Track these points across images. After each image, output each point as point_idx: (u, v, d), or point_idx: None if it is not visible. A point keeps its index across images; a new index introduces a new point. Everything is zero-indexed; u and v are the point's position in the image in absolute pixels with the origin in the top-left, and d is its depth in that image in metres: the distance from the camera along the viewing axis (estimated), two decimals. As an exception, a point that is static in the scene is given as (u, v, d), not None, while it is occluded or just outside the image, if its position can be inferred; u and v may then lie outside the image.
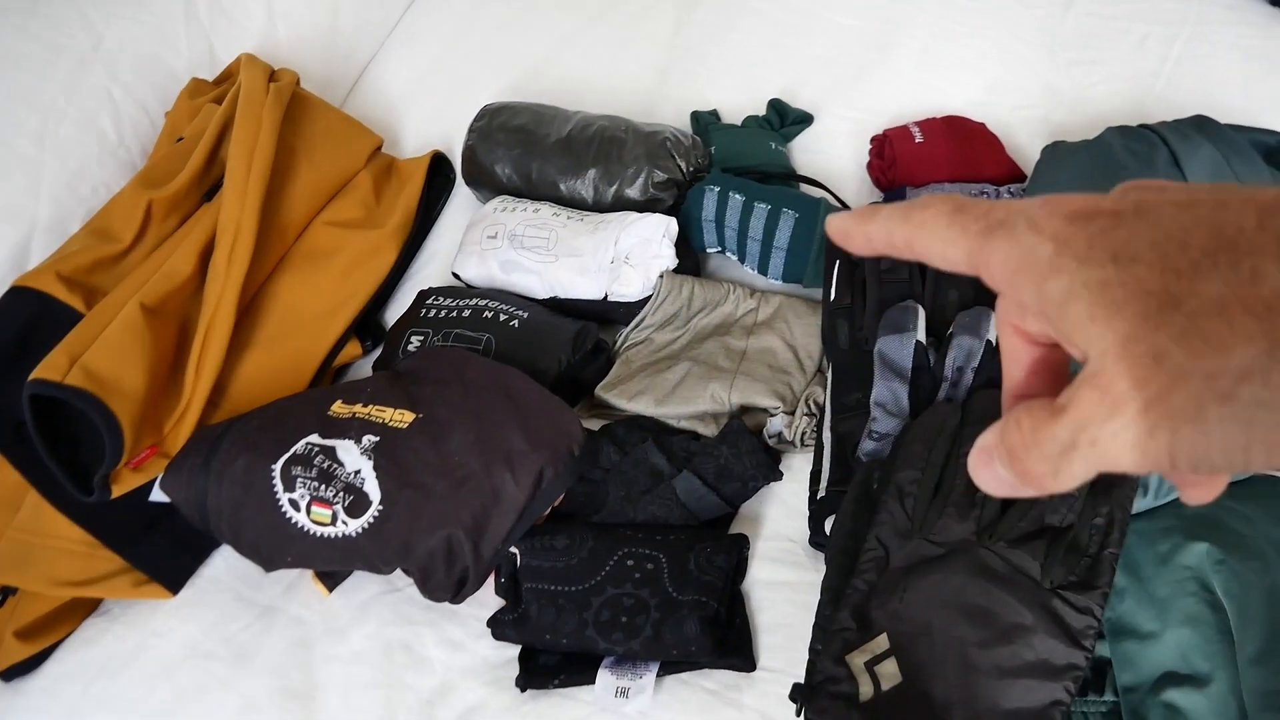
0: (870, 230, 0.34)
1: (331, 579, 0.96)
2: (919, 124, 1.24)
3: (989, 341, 0.96)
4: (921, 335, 0.98)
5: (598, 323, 1.11)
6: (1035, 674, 0.78)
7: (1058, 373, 0.35)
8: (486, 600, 0.93)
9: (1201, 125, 1.12)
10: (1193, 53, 1.37)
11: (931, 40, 1.42)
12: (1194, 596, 0.80)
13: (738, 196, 1.12)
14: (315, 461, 0.91)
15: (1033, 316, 0.33)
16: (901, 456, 0.87)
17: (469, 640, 0.93)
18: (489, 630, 0.91)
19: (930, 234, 0.32)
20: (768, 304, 1.11)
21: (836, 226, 0.35)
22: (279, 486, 0.90)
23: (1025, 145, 1.26)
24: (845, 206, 1.18)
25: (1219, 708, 0.74)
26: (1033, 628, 0.79)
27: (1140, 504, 0.88)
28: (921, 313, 0.99)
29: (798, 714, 0.78)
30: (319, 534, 0.89)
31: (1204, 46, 1.38)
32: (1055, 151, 1.14)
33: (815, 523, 0.96)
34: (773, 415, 1.02)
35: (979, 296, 1.04)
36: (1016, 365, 0.35)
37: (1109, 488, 0.85)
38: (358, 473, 0.90)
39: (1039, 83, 1.36)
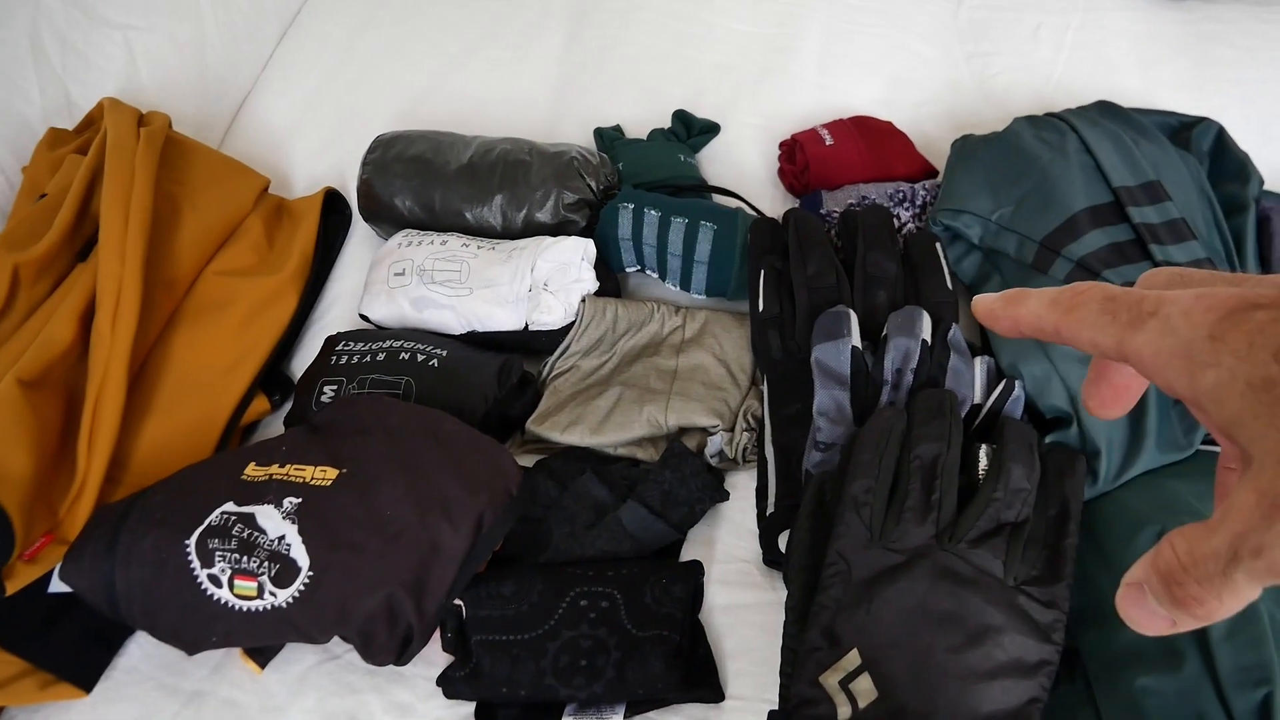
0: (1019, 314, 0.34)
1: (263, 654, 0.89)
2: (828, 126, 1.23)
3: (924, 340, 0.94)
4: (857, 340, 0.95)
5: (521, 354, 1.06)
6: (1010, 674, 0.76)
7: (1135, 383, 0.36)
8: (433, 658, 0.87)
9: (1107, 110, 1.13)
10: (1086, 39, 1.40)
11: (828, 42, 1.42)
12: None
13: (653, 212, 1.08)
14: (234, 531, 0.83)
15: (1184, 407, 0.33)
16: (853, 466, 0.84)
17: (418, 702, 0.87)
18: (440, 689, 0.85)
19: (1081, 322, 0.32)
20: (694, 320, 1.08)
21: (984, 309, 0.35)
22: (195, 563, 0.82)
23: (934, 140, 1.26)
24: (760, 214, 1.16)
25: (1191, 688, 0.73)
26: (1002, 627, 0.77)
27: (1090, 491, 0.87)
28: (854, 317, 0.97)
29: (778, 744, 0.74)
30: (245, 609, 0.82)
31: (1096, 33, 1.41)
32: (966, 145, 1.14)
33: (767, 541, 0.93)
34: (712, 434, 0.99)
35: (909, 297, 1.02)
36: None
37: (1059, 478, 0.84)
38: (282, 538, 0.83)
39: (939, 77, 1.37)
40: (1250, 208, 1.06)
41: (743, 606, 0.90)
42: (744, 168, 1.27)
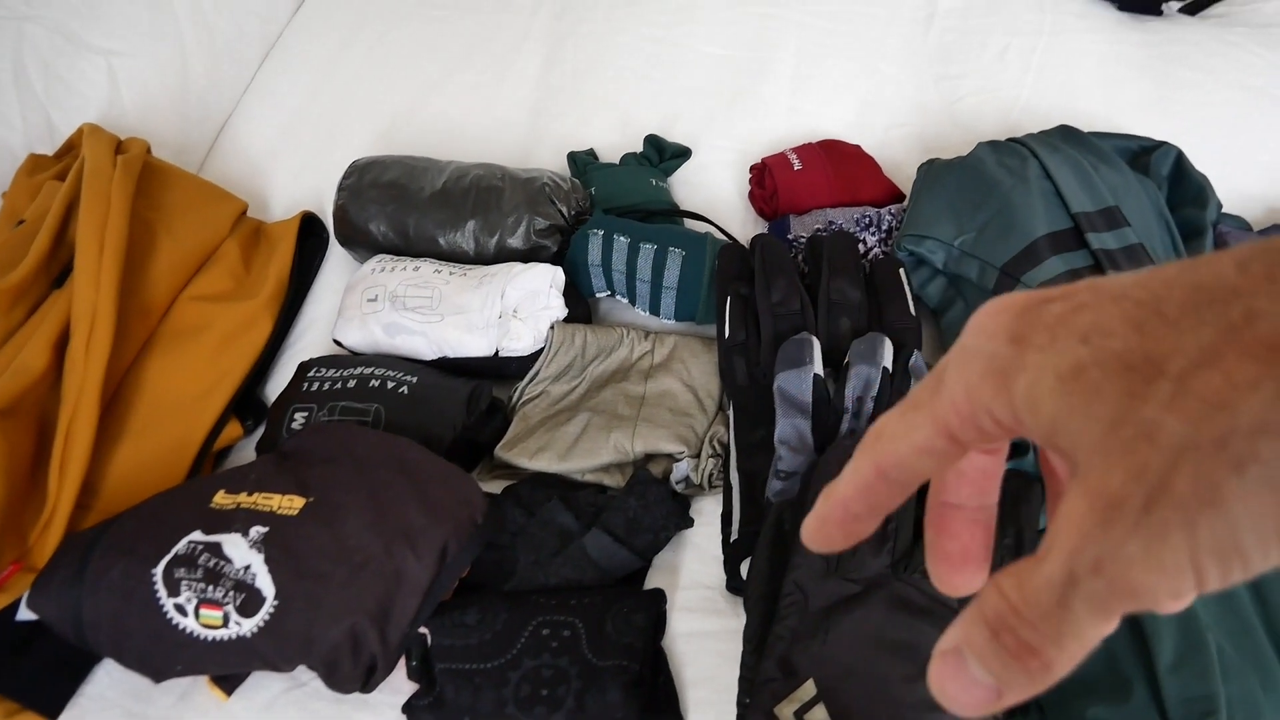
0: (839, 494, 0.29)
1: (229, 682, 0.90)
2: (796, 150, 1.24)
3: (885, 368, 0.96)
4: (819, 367, 0.97)
5: (491, 380, 1.07)
6: (964, 705, 0.77)
7: (993, 481, 0.31)
8: (399, 685, 0.88)
9: (1068, 135, 1.15)
10: (1052, 61, 1.41)
11: (800, 65, 1.43)
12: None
13: (622, 238, 1.09)
14: (200, 561, 0.84)
15: (1012, 435, 0.27)
16: (811, 496, 0.86)
17: (383, 730, 0.88)
18: (404, 717, 0.86)
19: (889, 439, 0.28)
20: (663, 345, 1.09)
21: (811, 528, 0.30)
22: (161, 592, 0.83)
23: (902, 162, 1.27)
24: (731, 239, 1.17)
25: (1142, 718, 0.74)
26: (958, 659, 0.78)
27: (1045, 519, 0.88)
28: (817, 344, 0.98)
29: (734, 775, 0.76)
30: (210, 638, 0.83)
31: (1061, 54, 1.42)
32: (931, 170, 1.15)
33: (730, 567, 0.94)
34: (678, 460, 1.00)
35: (872, 323, 1.03)
36: (949, 470, 0.30)
37: (1015, 506, 0.85)
38: (248, 568, 0.84)
39: (908, 100, 1.38)
40: (1208, 231, 1.07)
41: (705, 634, 0.91)
42: (716, 191, 1.28)
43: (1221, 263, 0.22)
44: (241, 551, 0.85)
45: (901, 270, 1.06)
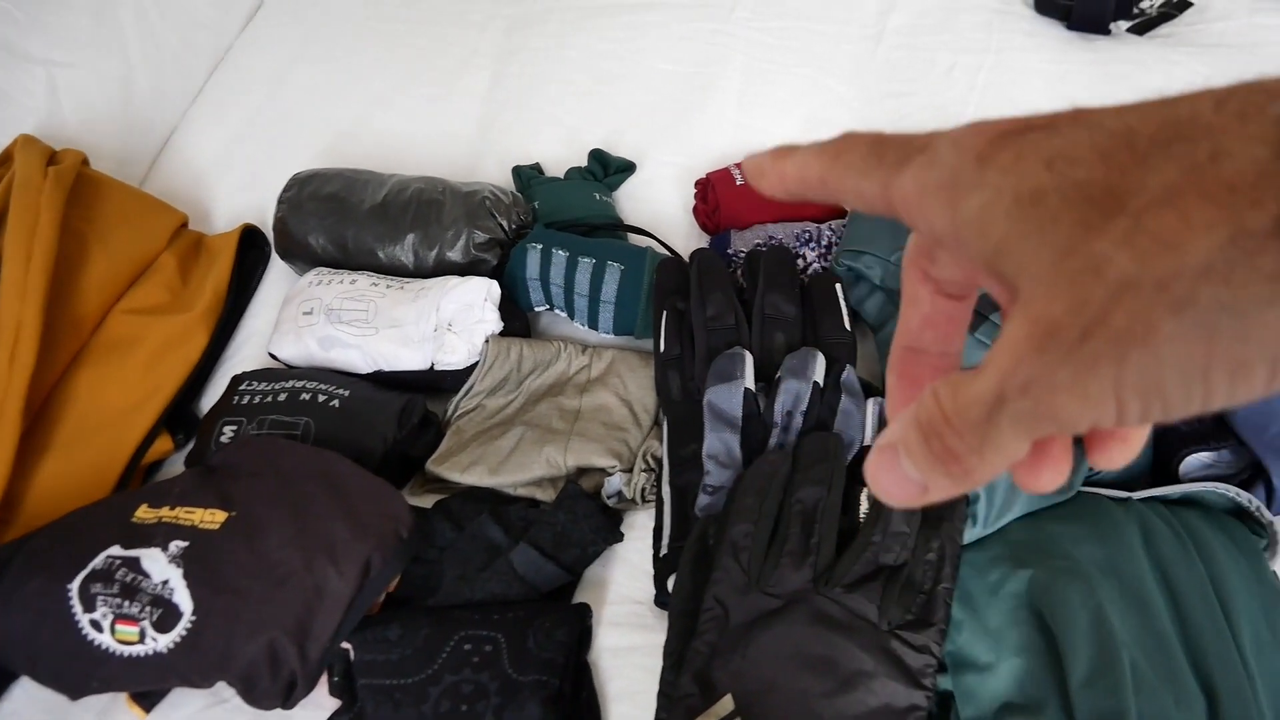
0: (785, 167, 0.30)
1: (148, 699, 0.89)
2: (740, 165, 1.24)
3: (816, 383, 0.96)
4: (750, 382, 0.96)
5: (427, 394, 1.07)
6: (880, 719, 0.76)
7: (958, 328, 0.31)
8: (322, 701, 0.87)
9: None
10: (998, 79, 1.42)
11: (748, 81, 1.43)
12: (1024, 624, 0.81)
13: (561, 252, 1.09)
14: (117, 576, 0.84)
15: (948, 253, 0.29)
16: (734, 510, 0.86)
17: (305, 747, 0.87)
18: (326, 734, 0.86)
19: (846, 166, 0.28)
20: (600, 359, 1.09)
21: (751, 165, 0.32)
22: (77, 608, 0.82)
23: (846, 179, 1.27)
24: (673, 253, 1.17)
25: None
26: (873, 672, 0.78)
27: (970, 534, 0.88)
28: (749, 359, 0.98)
29: (647, 790, 0.75)
30: (126, 654, 0.82)
31: (1008, 73, 1.43)
32: (872, 184, 1.15)
33: (659, 582, 0.93)
34: (610, 474, 0.99)
35: (805, 338, 1.03)
36: (914, 312, 0.31)
37: (938, 521, 0.85)
38: (166, 583, 0.83)
39: (855, 117, 1.39)
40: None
41: (632, 649, 0.91)
42: (661, 206, 1.28)
43: (1201, 100, 0.21)
44: (160, 566, 0.84)
45: (838, 285, 1.06)
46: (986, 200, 0.23)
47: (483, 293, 1.05)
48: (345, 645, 0.86)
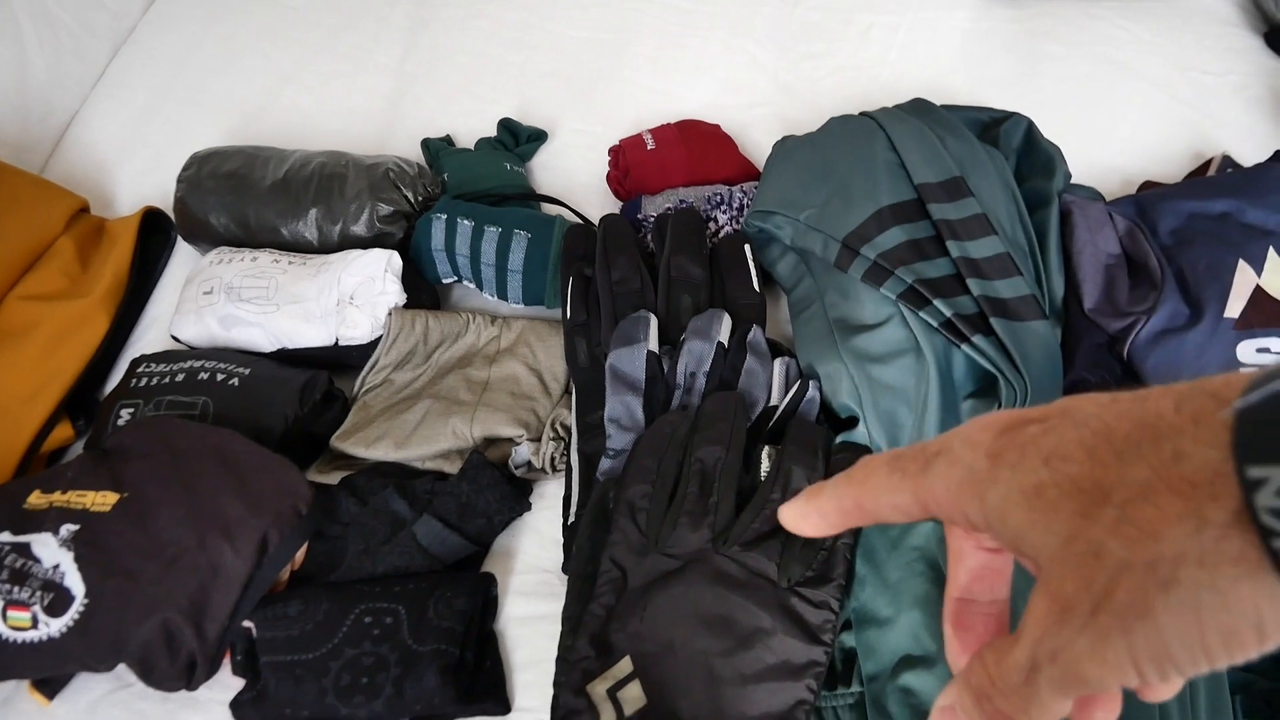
0: (821, 505, 0.35)
1: (50, 686, 0.88)
2: (652, 131, 1.24)
3: (720, 343, 0.95)
4: (654, 345, 0.96)
5: (334, 371, 1.05)
6: (777, 676, 0.77)
7: (1003, 578, 0.35)
8: (229, 682, 0.86)
9: (917, 108, 1.15)
10: (916, 39, 1.42)
11: (661, 46, 1.43)
12: (922, 576, 0.81)
13: (466, 222, 1.08)
14: (7, 562, 0.82)
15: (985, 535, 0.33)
16: (630, 471, 0.85)
17: (211, 728, 0.86)
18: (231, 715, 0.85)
19: (875, 488, 0.33)
20: (510, 330, 1.08)
21: (790, 515, 0.37)
22: (-34, 596, 0.81)
23: (762, 142, 1.27)
24: (584, 220, 1.16)
25: (947, 679, 0.74)
26: (771, 630, 0.78)
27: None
28: (653, 322, 0.98)
29: (544, 755, 0.75)
30: (19, 640, 0.81)
31: (926, 33, 1.43)
32: (784, 147, 1.15)
33: (568, 549, 0.93)
34: (518, 444, 0.99)
35: (713, 300, 1.03)
36: (961, 567, 0.35)
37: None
38: (56, 567, 0.82)
39: (771, 80, 1.38)
40: (1054, 202, 1.08)
41: (539, 617, 0.91)
42: (574, 175, 1.27)
43: (1164, 401, 0.26)
44: (51, 551, 0.83)
45: (746, 246, 1.06)
46: (1001, 495, 0.28)
47: (383, 264, 1.04)
48: (247, 624, 0.85)
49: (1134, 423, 0.26)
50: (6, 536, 0.84)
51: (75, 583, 0.81)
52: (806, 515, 0.36)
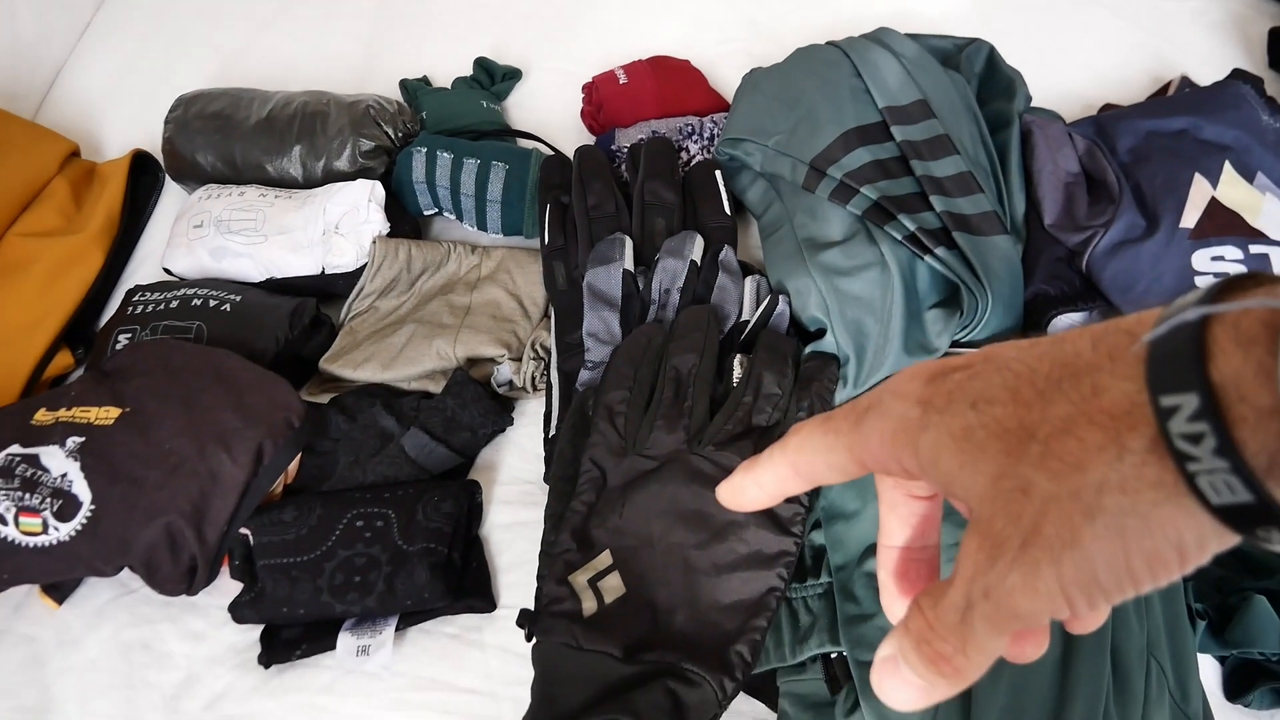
0: (758, 476, 0.36)
1: (59, 590, 0.93)
2: (624, 67, 1.27)
3: (693, 261, 0.99)
4: (629, 264, 1.00)
5: (322, 298, 1.10)
6: (750, 565, 0.81)
7: (933, 525, 0.37)
8: (226, 587, 0.91)
9: (880, 36, 1.18)
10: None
11: (634, -16, 1.46)
12: (887, 472, 0.84)
13: (445, 155, 1.12)
14: (17, 472, 0.87)
15: (919, 484, 0.34)
16: (609, 378, 0.89)
17: (211, 630, 0.91)
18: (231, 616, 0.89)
19: (809, 451, 0.33)
20: (490, 258, 1.12)
21: (728, 490, 0.37)
22: (-21, 504, 0.85)
23: (732, 78, 1.29)
24: (558, 153, 1.20)
25: None
26: (744, 523, 0.82)
27: (841, 394, 0.92)
28: (629, 243, 1.02)
29: (527, 639, 0.79)
30: (31, 545, 0.86)
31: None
32: (752, 77, 1.18)
33: (549, 461, 0.97)
34: (499, 363, 1.03)
35: (686, 221, 1.07)
36: (892, 515, 0.36)
37: (809, 382, 0.90)
38: (64, 475, 0.86)
39: (739, 16, 1.41)
40: (1015, 123, 1.11)
41: (522, 524, 0.95)
42: (549, 113, 1.31)
43: (1082, 340, 0.27)
44: (58, 461, 0.87)
45: (717, 172, 1.10)
46: (933, 439, 0.29)
47: (366, 194, 1.08)
48: (244, 530, 0.90)
49: (1054, 362, 0.27)
50: (16, 449, 0.88)
51: (82, 490, 0.86)
52: (744, 488, 0.37)
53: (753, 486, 0.36)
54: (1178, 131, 1.07)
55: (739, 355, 0.92)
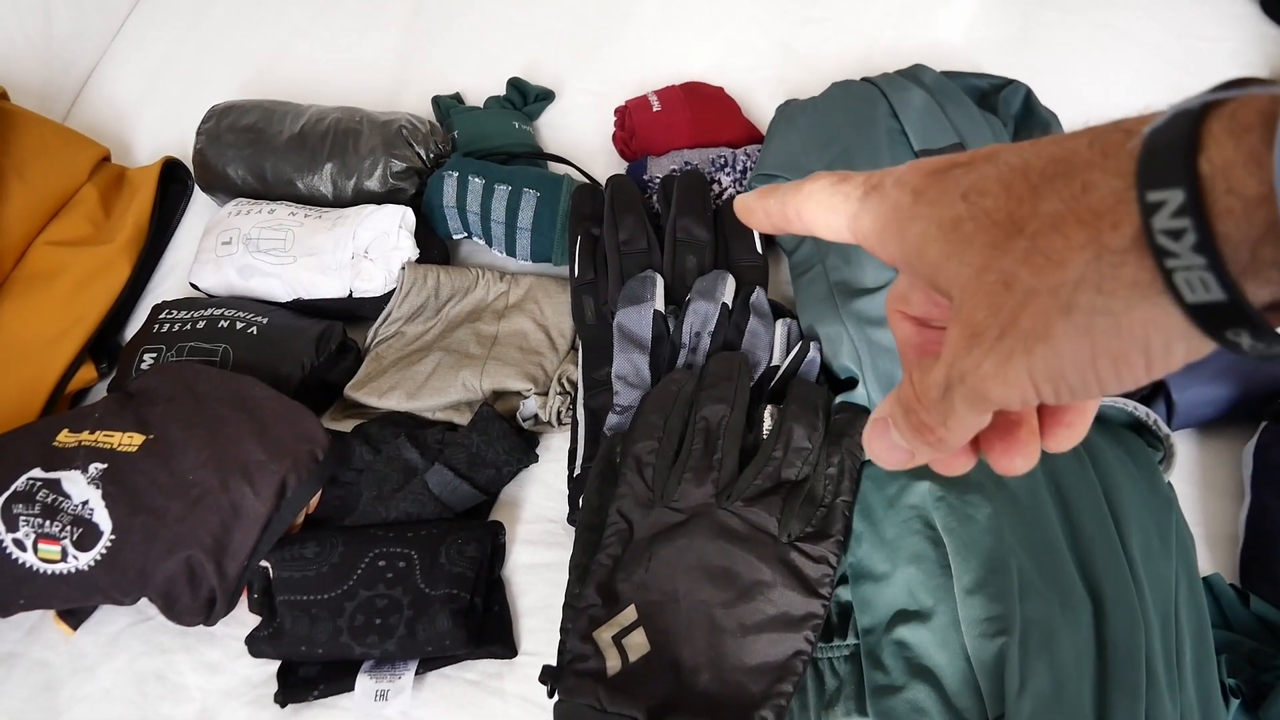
0: (767, 204, 0.37)
1: (75, 616, 0.92)
2: (658, 93, 1.26)
3: (725, 305, 0.98)
4: (660, 304, 0.99)
5: (348, 321, 1.09)
6: (776, 627, 0.80)
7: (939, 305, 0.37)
8: (244, 618, 0.90)
9: (916, 74, 1.17)
10: (916, 3, 1.43)
11: (666, 8, 1.44)
12: (918, 534, 0.83)
13: (477, 180, 1.11)
14: (38, 497, 0.86)
15: (910, 286, 0.35)
16: (637, 427, 0.89)
17: (228, 661, 0.90)
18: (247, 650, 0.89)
19: (817, 202, 0.34)
20: (518, 286, 1.11)
21: (740, 204, 0.39)
22: (0, 528, 0.85)
23: (765, 105, 1.29)
24: (590, 180, 1.19)
25: (941, 639, 0.77)
26: (771, 582, 0.81)
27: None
28: (660, 281, 1.01)
29: (550, 695, 0.79)
30: (49, 572, 0.85)
31: (925, -1, 1.44)
32: (786, 110, 1.17)
33: (573, 501, 0.96)
34: (526, 397, 1.02)
35: (717, 262, 1.06)
36: (908, 348, 0.37)
37: (840, 436, 0.89)
38: (86, 503, 0.86)
39: (774, 43, 1.40)
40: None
41: (545, 565, 0.94)
42: (581, 134, 1.30)
43: (1080, 139, 0.27)
44: (80, 488, 0.87)
45: (750, 209, 1.09)
46: (920, 230, 0.29)
47: (397, 220, 1.07)
48: (264, 563, 0.89)
49: (1049, 159, 0.27)
50: (38, 473, 0.87)
51: (103, 519, 0.85)
52: (753, 209, 0.38)
53: (760, 211, 0.37)
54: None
55: (770, 406, 0.91)
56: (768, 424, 0.90)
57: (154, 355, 1.01)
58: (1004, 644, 0.74)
